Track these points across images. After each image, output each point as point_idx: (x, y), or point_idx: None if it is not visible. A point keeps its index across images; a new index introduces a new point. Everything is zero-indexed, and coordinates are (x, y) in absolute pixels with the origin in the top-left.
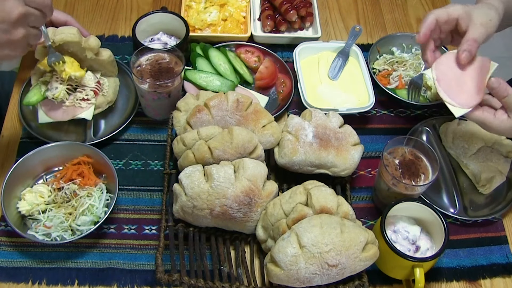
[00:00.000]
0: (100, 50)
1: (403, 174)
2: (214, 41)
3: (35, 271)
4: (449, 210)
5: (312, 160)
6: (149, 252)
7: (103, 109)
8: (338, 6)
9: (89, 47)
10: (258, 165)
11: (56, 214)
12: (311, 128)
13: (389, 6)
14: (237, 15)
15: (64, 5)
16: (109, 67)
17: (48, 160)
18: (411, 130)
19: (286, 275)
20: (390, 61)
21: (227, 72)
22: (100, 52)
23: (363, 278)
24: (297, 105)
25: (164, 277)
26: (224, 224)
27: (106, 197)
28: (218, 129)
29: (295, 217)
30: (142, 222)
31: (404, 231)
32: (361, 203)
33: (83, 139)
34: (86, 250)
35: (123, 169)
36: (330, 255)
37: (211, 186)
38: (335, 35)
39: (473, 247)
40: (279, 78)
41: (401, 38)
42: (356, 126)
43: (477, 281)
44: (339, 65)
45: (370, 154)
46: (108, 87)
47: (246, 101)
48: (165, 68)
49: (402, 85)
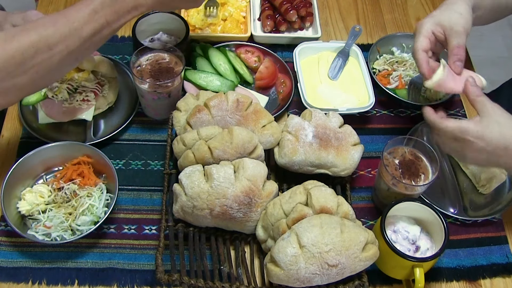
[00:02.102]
0: (98, 63)
1: (403, 174)
2: (214, 41)
3: (35, 271)
4: (449, 210)
5: (312, 160)
6: (149, 252)
7: (103, 109)
8: (338, 6)
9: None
10: (258, 165)
11: (56, 214)
12: (311, 128)
13: (389, 6)
14: (237, 15)
15: (64, 5)
16: (108, 73)
17: (48, 160)
18: (411, 130)
19: (286, 275)
20: (390, 61)
21: (227, 72)
22: (98, 65)
23: (363, 278)
24: (297, 105)
25: (164, 277)
26: (224, 224)
27: (106, 197)
28: (218, 129)
29: (295, 217)
30: (142, 222)
31: (404, 231)
32: (361, 203)
33: (83, 139)
34: (86, 250)
35: (123, 169)
36: (330, 255)
37: (211, 186)
38: (335, 35)
39: (473, 247)
40: (279, 78)
41: (401, 38)
42: (356, 126)
43: (477, 281)
44: (339, 65)
45: (370, 154)
46: (108, 88)
47: (246, 101)
48: (165, 68)
49: (402, 85)
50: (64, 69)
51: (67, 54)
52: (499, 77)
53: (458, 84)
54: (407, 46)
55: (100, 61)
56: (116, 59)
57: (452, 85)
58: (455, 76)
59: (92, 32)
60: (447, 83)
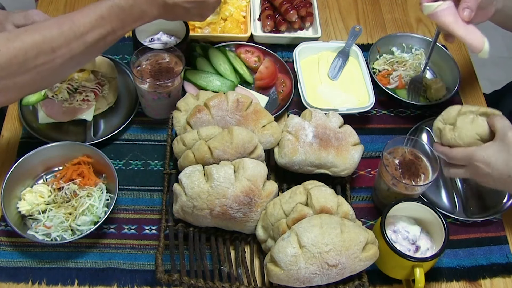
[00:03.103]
0: (98, 63)
1: (403, 174)
2: (214, 41)
3: (35, 271)
4: (449, 210)
5: (312, 160)
6: (149, 252)
7: (103, 109)
8: (338, 6)
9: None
10: (258, 165)
11: (56, 214)
12: (311, 128)
13: (389, 6)
14: (237, 14)
15: (64, 5)
16: (108, 74)
17: (48, 160)
18: (411, 130)
19: (286, 275)
20: (390, 61)
21: (227, 72)
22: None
23: (363, 278)
24: (297, 105)
25: (164, 277)
26: (224, 224)
27: (106, 197)
28: (218, 129)
29: (295, 217)
30: (142, 222)
31: (404, 231)
32: (361, 203)
33: (83, 139)
34: (86, 250)
35: (123, 169)
36: (330, 255)
37: (211, 186)
38: (335, 35)
39: (473, 247)
40: (279, 78)
41: (401, 38)
42: (356, 126)
43: (477, 281)
44: (339, 65)
45: (370, 154)
46: (108, 88)
47: (246, 101)
48: (165, 68)
49: (402, 85)
50: (65, 72)
51: (70, 58)
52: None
53: (460, 27)
54: (407, 46)
55: (100, 61)
56: (116, 59)
57: (450, 20)
58: (460, 20)
59: (97, 38)
60: (445, 17)
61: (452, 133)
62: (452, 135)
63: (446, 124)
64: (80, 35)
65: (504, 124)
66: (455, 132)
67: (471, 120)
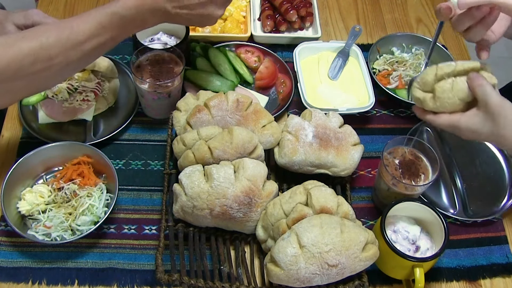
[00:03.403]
0: (98, 63)
1: (403, 174)
2: (214, 41)
3: (35, 271)
4: (449, 210)
5: (312, 160)
6: (149, 252)
7: (103, 109)
8: (338, 6)
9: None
10: (258, 165)
11: (56, 214)
12: (311, 128)
13: (389, 6)
14: (237, 14)
15: (64, 5)
16: (108, 73)
17: (48, 160)
18: (411, 130)
19: (286, 275)
20: (390, 61)
21: (227, 72)
22: (98, 65)
23: (363, 278)
24: (297, 105)
25: (164, 277)
26: (224, 224)
27: (106, 197)
28: (218, 129)
29: (295, 217)
30: (142, 222)
31: (404, 231)
32: (361, 203)
33: (83, 139)
34: (86, 250)
35: (123, 169)
36: (330, 255)
37: (211, 186)
38: (335, 35)
39: (473, 247)
40: (279, 78)
41: (401, 38)
42: (356, 126)
43: (477, 281)
44: (339, 65)
45: (370, 154)
46: (108, 88)
47: (246, 101)
48: (165, 68)
49: (402, 85)
50: (62, 77)
51: (66, 65)
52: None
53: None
54: (407, 46)
55: (100, 61)
56: (116, 59)
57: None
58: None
59: (95, 46)
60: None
61: (434, 102)
62: (434, 105)
63: (426, 92)
64: (78, 44)
65: (483, 92)
66: (437, 102)
67: (451, 86)
